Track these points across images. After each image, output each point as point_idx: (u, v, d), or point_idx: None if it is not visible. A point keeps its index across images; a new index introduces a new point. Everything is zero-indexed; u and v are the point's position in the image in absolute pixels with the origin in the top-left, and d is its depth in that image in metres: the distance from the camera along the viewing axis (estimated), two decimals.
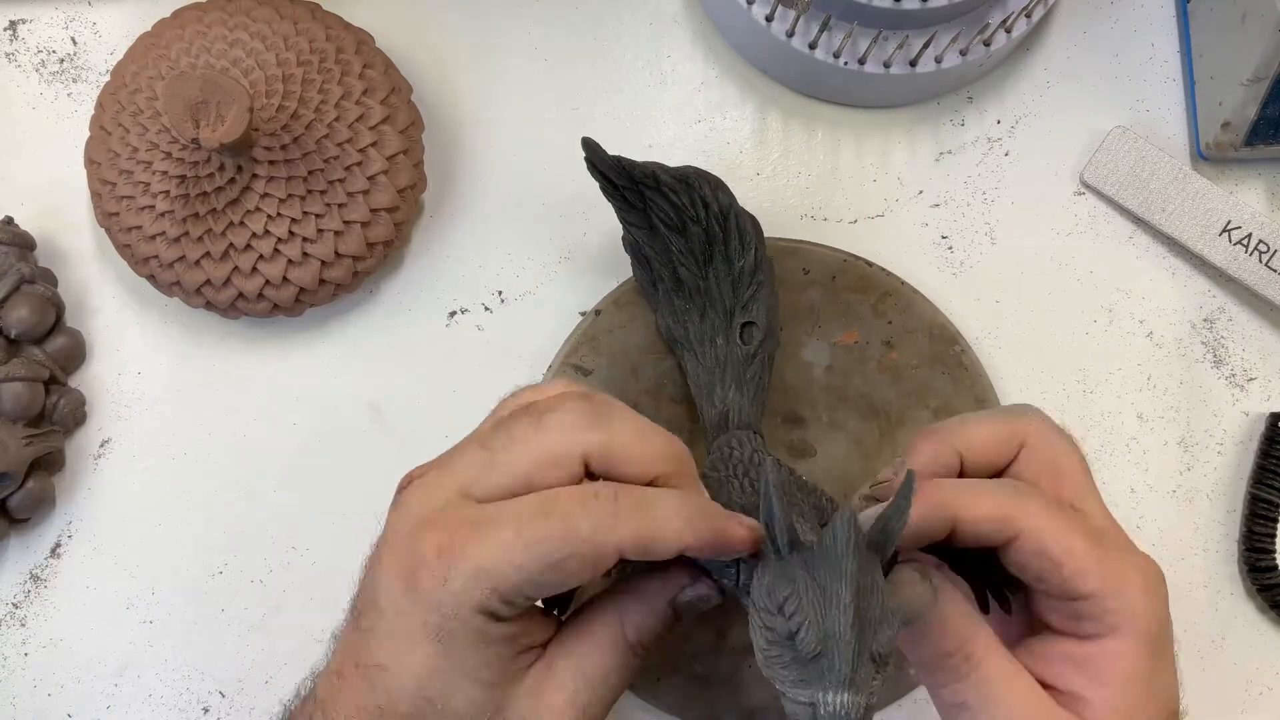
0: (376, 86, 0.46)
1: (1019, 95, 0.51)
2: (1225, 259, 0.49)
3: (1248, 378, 0.50)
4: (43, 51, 0.50)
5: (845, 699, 0.25)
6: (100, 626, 0.48)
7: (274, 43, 0.45)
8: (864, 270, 0.47)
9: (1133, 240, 0.50)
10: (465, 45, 0.51)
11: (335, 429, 0.49)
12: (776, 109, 0.51)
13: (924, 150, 0.50)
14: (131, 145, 0.45)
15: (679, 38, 0.51)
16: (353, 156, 0.45)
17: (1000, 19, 0.46)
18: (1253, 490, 0.48)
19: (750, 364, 0.43)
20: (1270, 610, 0.48)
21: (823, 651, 0.26)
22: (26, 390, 0.46)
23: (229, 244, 0.45)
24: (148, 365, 0.49)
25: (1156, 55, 0.51)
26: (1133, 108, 0.51)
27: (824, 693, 0.26)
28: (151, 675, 0.48)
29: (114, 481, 0.49)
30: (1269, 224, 0.49)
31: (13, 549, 0.48)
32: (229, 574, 0.48)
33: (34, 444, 0.46)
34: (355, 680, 0.33)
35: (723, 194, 0.42)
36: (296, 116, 0.44)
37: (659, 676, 0.45)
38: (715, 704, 0.45)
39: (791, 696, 0.27)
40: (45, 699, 0.48)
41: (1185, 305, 0.50)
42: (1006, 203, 0.50)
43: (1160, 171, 0.49)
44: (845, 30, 0.46)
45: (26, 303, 0.46)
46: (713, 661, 0.46)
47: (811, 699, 0.26)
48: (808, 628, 0.26)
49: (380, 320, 0.49)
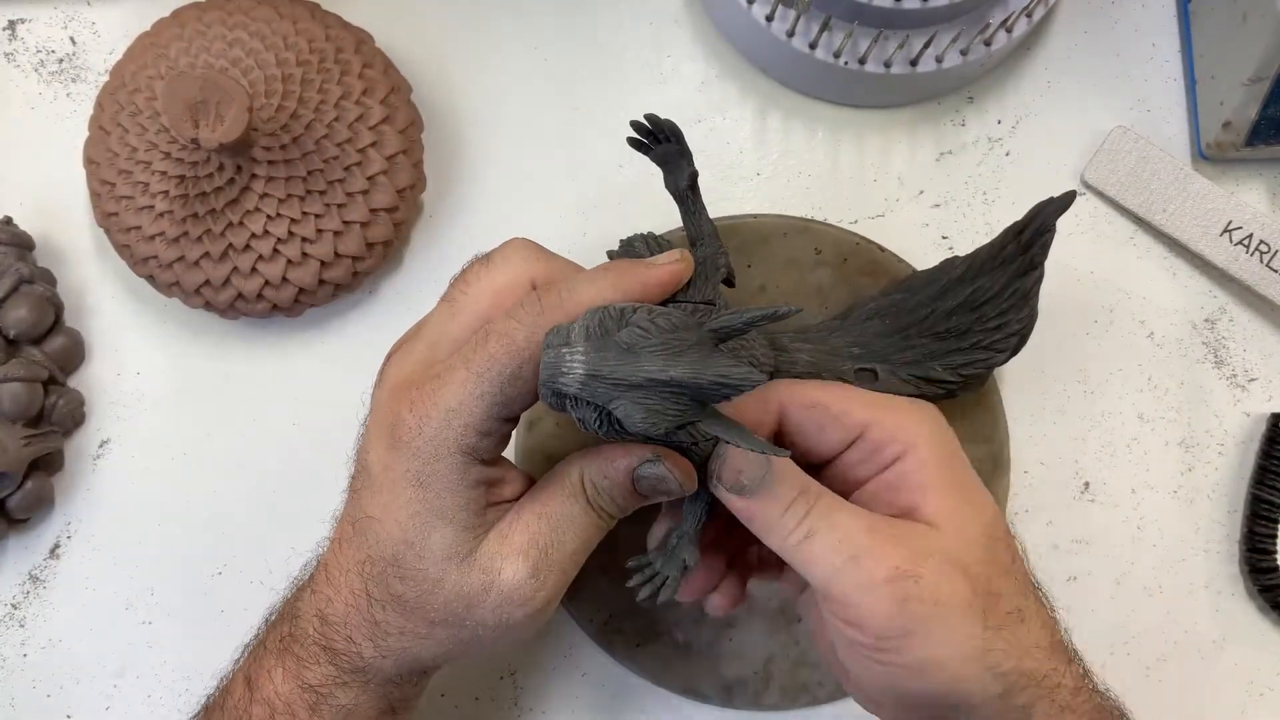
0: (376, 86, 0.46)
1: (1020, 95, 0.51)
2: (1226, 259, 0.49)
3: (1249, 378, 0.50)
4: (42, 51, 0.50)
5: (552, 354, 0.31)
6: (100, 627, 0.48)
7: (273, 42, 0.45)
8: (876, 255, 0.47)
9: (1133, 240, 0.50)
10: (465, 45, 0.51)
11: (335, 429, 0.49)
12: (776, 109, 0.50)
13: (924, 150, 0.50)
14: (131, 145, 0.45)
15: (679, 38, 0.51)
16: (352, 156, 0.45)
17: (1001, 19, 0.46)
18: (1254, 491, 0.48)
19: None
20: (1271, 611, 0.48)
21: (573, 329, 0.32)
22: (25, 390, 0.45)
23: (228, 244, 0.44)
24: (147, 365, 0.49)
25: (1157, 55, 0.51)
26: (1133, 107, 0.50)
27: (550, 346, 0.31)
28: (151, 675, 0.48)
29: (113, 482, 0.49)
30: (1270, 224, 0.48)
31: (12, 549, 0.48)
32: (229, 574, 0.48)
33: (33, 444, 0.46)
34: (353, 536, 0.36)
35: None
36: (296, 116, 0.44)
37: (638, 642, 0.46)
38: (694, 673, 0.46)
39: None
40: (45, 699, 0.48)
41: (1186, 305, 0.50)
42: (1007, 203, 0.50)
43: (1161, 172, 0.49)
44: (845, 30, 0.46)
45: (25, 303, 0.46)
46: (694, 630, 0.46)
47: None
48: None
49: (380, 320, 0.49)
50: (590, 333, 0.32)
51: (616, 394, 0.31)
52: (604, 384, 0.31)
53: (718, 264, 0.39)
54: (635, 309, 0.32)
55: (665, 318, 0.32)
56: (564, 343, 0.32)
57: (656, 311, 0.32)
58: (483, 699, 0.48)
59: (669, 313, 0.32)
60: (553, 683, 0.48)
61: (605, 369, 0.31)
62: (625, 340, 0.31)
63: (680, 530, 0.39)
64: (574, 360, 0.31)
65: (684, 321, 0.32)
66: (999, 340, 0.41)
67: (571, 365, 0.31)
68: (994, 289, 0.41)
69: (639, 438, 0.34)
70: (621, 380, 0.31)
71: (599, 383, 0.31)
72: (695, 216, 0.39)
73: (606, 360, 0.31)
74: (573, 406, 0.32)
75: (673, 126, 0.38)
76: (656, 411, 0.32)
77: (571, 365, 0.31)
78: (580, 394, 0.31)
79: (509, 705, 0.48)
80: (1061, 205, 0.40)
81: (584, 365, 0.31)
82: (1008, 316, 0.41)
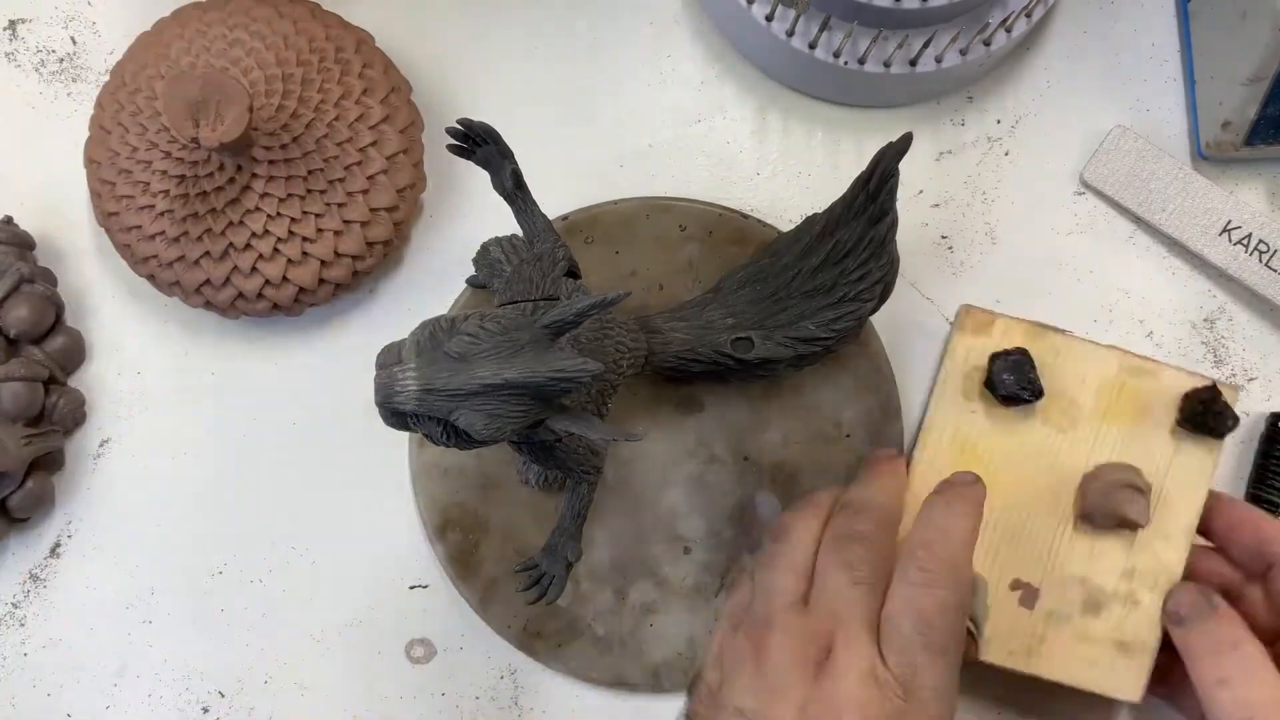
0: (376, 86, 0.46)
1: (1019, 95, 0.51)
2: (1225, 259, 0.49)
3: (1248, 378, 0.50)
4: (42, 51, 0.50)
5: (384, 374, 0.31)
6: (100, 626, 0.48)
7: (273, 42, 0.45)
8: (740, 223, 0.48)
9: (1133, 240, 0.50)
10: (465, 44, 0.51)
11: (335, 429, 0.49)
12: (776, 109, 0.51)
13: (924, 150, 0.50)
14: (131, 145, 0.45)
15: (679, 38, 0.51)
16: (352, 156, 0.45)
17: (1000, 19, 0.46)
18: (1253, 490, 0.48)
19: None
20: None
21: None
22: (26, 390, 0.46)
23: (228, 243, 0.45)
24: (147, 365, 0.49)
25: (1157, 55, 0.51)
26: (1133, 107, 0.50)
27: (382, 366, 0.32)
28: (151, 675, 0.48)
29: (113, 481, 0.49)
30: (1269, 224, 0.49)
31: (12, 549, 0.48)
32: (229, 574, 0.48)
33: (33, 444, 0.46)
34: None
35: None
36: (296, 116, 0.44)
37: (560, 643, 0.46)
38: (620, 664, 0.47)
39: None
40: (45, 699, 0.48)
41: (1185, 305, 0.50)
42: (1006, 203, 0.50)
43: (1160, 171, 0.49)
44: (845, 30, 0.46)
45: (26, 302, 0.46)
46: (614, 622, 0.47)
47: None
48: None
49: (380, 319, 0.49)
50: (421, 347, 0.31)
51: (455, 405, 0.31)
52: (440, 397, 0.31)
53: (556, 258, 0.39)
54: (467, 316, 0.32)
55: (495, 321, 0.32)
56: (395, 361, 0.31)
57: (487, 316, 0.32)
58: (483, 699, 0.48)
59: (500, 315, 0.32)
60: (553, 682, 0.48)
61: (439, 382, 0.31)
62: (456, 350, 0.31)
63: (561, 528, 0.40)
64: (406, 378, 0.31)
65: (515, 322, 0.32)
66: (864, 290, 0.42)
67: (404, 384, 0.31)
68: (852, 240, 0.41)
69: (490, 444, 0.34)
70: (457, 391, 0.31)
71: (435, 396, 0.31)
72: (527, 214, 0.40)
73: (439, 373, 0.31)
74: (415, 423, 0.32)
75: (487, 128, 0.38)
76: (499, 416, 0.31)
77: (404, 384, 0.31)
78: (419, 410, 0.31)
79: (509, 705, 0.48)
80: (900, 148, 0.40)
81: (416, 381, 0.31)
82: (868, 266, 0.42)
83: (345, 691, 0.48)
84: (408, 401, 0.31)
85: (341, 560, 0.48)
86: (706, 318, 0.43)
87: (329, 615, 0.48)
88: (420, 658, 0.48)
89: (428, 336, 0.31)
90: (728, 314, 0.43)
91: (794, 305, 0.43)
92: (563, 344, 0.33)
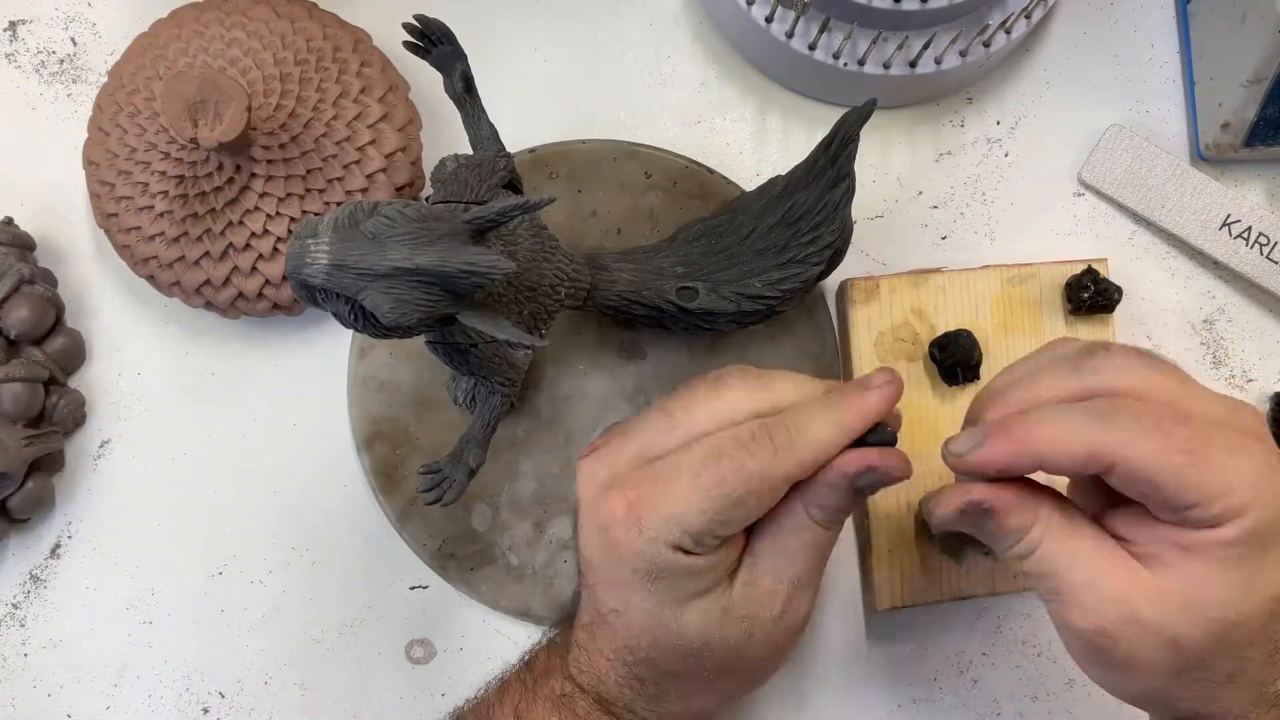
0: (374, 84, 0.46)
1: (1019, 96, 0.51)
2: (1226, 253, 0.49)
3: (1247, 378, 0.50)
4: (42, 52, 0.50)
5: (298, 244, 0.31)
6: (100, 627, 0.48)
7: (271, 42, 0.45)
8: (705, 177, 0.48)
9: (1132, 240, 0.50)
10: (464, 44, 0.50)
11: (335, 428, 0.49)
12: (776, 109, 0.51)
13: (924, 151, 0.50)
14: (130, 146, 0.45)
15: (679, 38, 0.51)
16: (351, 155, 0.45)
17: (1000, 20, 0.46)
18: None
19: None
20: None
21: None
22: (26, 391, 0.46)
23: (228, 244, 0.45)
24: (147, 365, 0.49)
25: (1156, 56, 0.51)
26: (1132, 109, 0.50)
27: (297, 238, 0.31)
28: (151, 675, 0.48)
29: (114, 482, 0.49)
30: (1269, 217, 0.49)
31: (12, 549, 0.48)
32: (229, 574, 0.48)
33: (34, 444, 0.46)
34: (602, 626, 0.39)
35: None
36: (294, 115, 0.44)
37: (472, 567, 0.47)
38: (528, 596, 0.47)
39: None
40: (45, 699, 0.48)
41: (1185, 306, 0.50)
42: (1006, 203, 0.50)
43: (1158, 168, 0.49)
44: (845, 31, 0.46)
45: (26, 303, 0.46)
46: (529, 555, 0.47)
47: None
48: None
49: None
50: (339, 224, 0.31)
51: (363, 284, 0.31)
52: (350, 274, 0.31)
53: (496, 167, 0.39)
54: (390, 202, 0.32)
55: (415, 209, 0.32)
56: (311, 234, 0.31)
57: (410, 204, 0.32)
58: None
59: (422, 205, 0.32)
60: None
61: (350, 259, 0.31)
62: (371, 230, 0.31)
63: (469, 435, 0.40)
64: (318, 250, 0.31)
65: (436, 213, 0.32)
66: (813, 254, 0.42)
67: (316, 256, 0.31)
68: (808, 203, 0.42)
69: (397, 332, 0.34)
70: (367, 270, 0.31)
71: (344, 273, 0.31)
72: (475, 120, 0.40)
73: (351, 250, 0.31)
74: (323, 300, 0.32)
75: (442, 26, 0.38)
76: (406, 302, 0.31)
77: (316, 256, 0.31)
78: (327, 285, 0.31)
79: None
80: (863, 114, 0.41)
81: (328, 255, 0.31)
82: (820, 230, 0.42)
83: (345, 691, 0.48)
84: (316, 275, 0.31)
85: (341, 560, 0.48)
86: (657, 264, 0.44)
87: (329, 615, 0.48)
88: (420, 658, 0.48)
89: (346, 215, 0.32)
90: (678, 263, 0.44)
91: (744, 262, 0.43)
92: (490, 244, 0.33)
